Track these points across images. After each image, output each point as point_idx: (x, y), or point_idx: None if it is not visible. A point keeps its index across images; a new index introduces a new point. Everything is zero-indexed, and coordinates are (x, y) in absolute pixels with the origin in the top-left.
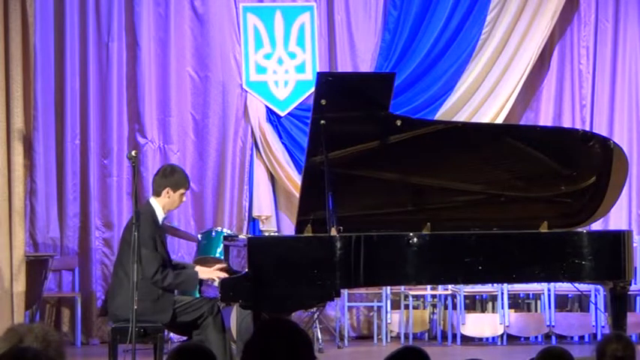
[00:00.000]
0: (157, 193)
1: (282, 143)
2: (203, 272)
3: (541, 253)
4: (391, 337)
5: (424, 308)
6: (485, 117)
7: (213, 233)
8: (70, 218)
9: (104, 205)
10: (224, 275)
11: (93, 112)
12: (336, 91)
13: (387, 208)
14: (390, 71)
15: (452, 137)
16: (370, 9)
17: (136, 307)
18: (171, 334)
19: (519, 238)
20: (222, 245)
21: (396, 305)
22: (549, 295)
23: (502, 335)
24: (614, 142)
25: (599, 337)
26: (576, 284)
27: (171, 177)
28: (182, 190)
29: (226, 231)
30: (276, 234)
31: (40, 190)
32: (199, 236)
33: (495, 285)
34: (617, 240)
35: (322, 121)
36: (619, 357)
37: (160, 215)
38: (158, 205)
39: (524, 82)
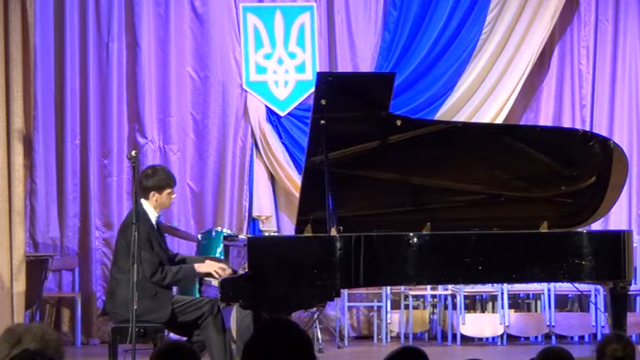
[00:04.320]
0: (145, 197)
1: (282, 143)
2: (201, 266)
3: (541, 253)
4: (391, 337)
5: (424, 308)
6: (485, 117)
7: (213, 233)
8: (70, 218)
9: (104, 205)
10: (221, 267)
11: (93, 112)
12: (336, 91)
13: (387, 208)
14: (390, 71)
15: (452, 137)
16: (370, 9)
17: (136, 307)
18: (172, 334)
19: (519, 238)
20: (222, 245)
21: (396, 305)
22: (549, 295)
23: (502, 335)
24: (614, 142)
25: (599, 337)
26: (576, 284)
27: (152, 180)
28: (168, 190)
29: (226, 231)
30: (276, 234)
31: (40, 190)
32: (199, 236)
33: (495, 285)
34: (617, 240)
35: (322, 121)
36: (619, 357)
37: (153, 215)
38: (149, 206)
39: (524, 82)
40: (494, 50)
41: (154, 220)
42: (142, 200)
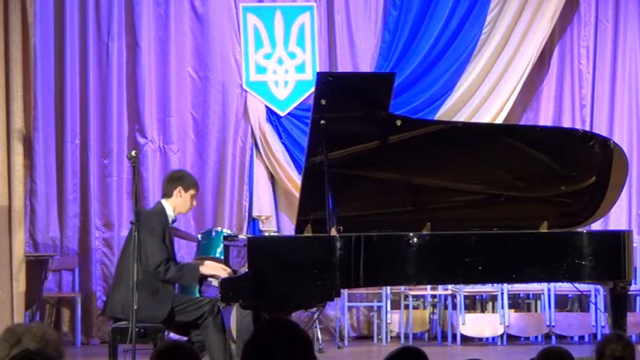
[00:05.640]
0: (168, 195)
1: (282, 143)
2: (205, 267)
3: (541, 253)
4: (391, 337)
5: (424, 308)
6: (485, 117)
7: (213, 233)
8: (70, 218)
9: (104, 205)
10: (224, 268)
11: (93, 112)
12: (336, 91)
13: (387, 208)
14: (390, 71)
15: (452, 137)
16: (370, 9)
17: (136, 307)
18: (172, 334)
19: (519, 238)
20: (222, 245)
21: (396, 305)
22: (549, 295)
23: (502, 335)
24: (614, 142)
25: (599, 337)
26: (576, 284)
27: (182, 178)
28: (192, 192)
29: (226, 231)
30: (276, 234)
31: (40, 190)
32: (199, 236)
33: (495, 285)
34: (617, 240)
35: (322, 121)
36: (619, 357)
37: (170, 216)
38: (169, 206)
39: (524, 82)
40: (494, 50)
41: (170, 220)
42: (163, 200)
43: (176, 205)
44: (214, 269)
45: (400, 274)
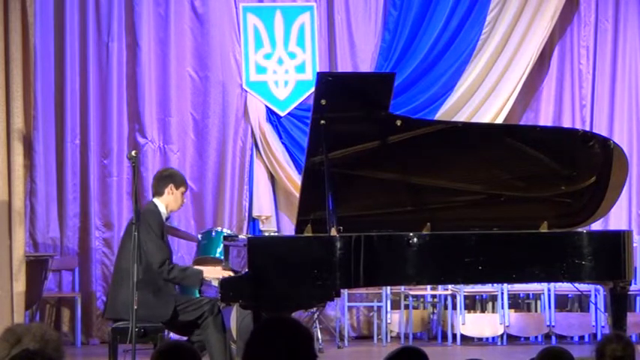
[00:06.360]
0: (159, 193)
1: (282, 143)
2: (208, 272)
3: (541, 253)
4: (391, 337)
5: (424, 308)
6: (485, 117)
7: (213, 233)
8: (70, 218)
9: (104, 205)
10: (230, 274)
11: (93, 112)
12: (336, 91)
13: (387, 208)
14: (390, 71)
15: (452, 137)
16: (370, 9)
17: (136, 307)
18: (172, 334)
19: (519, 238)
20: (222, 245)
21: (396, 305)
22: (549, 295)
23: (502, 335)
24: (614, 142)
25: (599, 337)
26: (576, 284)
27: (172, 176)
28: (182, 189)
29: (226, 231)
30: (276, 234)
31: (40, 190)
32: (199, 236)
33: (495, 285)
34: (617, 240)
35: (322, 121)
36: (618, 357)
37: (164, 214)
38: (161, 204)
39: (524, 82)
40: (494, 50)
41: (164, 218)
42: (155, 199)
43: (168, 202)
44: (217, 273)
45: (400, 274)
